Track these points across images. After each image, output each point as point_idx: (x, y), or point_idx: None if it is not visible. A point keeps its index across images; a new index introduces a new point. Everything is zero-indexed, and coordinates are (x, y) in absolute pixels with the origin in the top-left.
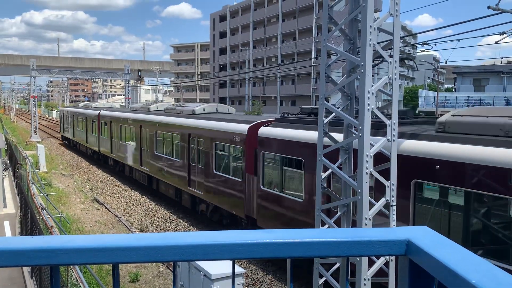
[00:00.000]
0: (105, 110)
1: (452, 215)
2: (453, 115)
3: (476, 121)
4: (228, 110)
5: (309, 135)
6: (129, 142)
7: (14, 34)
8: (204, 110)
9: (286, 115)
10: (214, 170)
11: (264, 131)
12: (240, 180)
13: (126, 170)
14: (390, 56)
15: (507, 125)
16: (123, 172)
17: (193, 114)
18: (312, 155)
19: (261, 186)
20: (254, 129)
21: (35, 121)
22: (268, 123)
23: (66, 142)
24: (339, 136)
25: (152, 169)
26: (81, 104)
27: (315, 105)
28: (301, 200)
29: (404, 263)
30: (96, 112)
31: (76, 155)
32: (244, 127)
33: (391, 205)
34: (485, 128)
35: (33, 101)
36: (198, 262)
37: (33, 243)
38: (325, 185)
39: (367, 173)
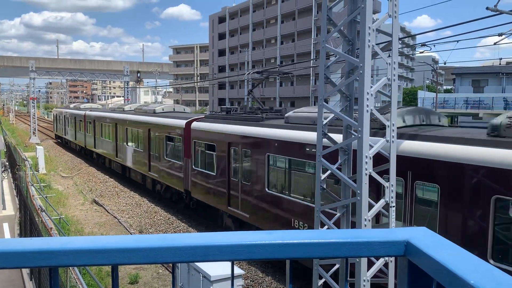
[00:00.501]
0: (90, 111)
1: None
2: (294, 112)
3: (304, 116)
4: (184, 110)
5: (220, 127)
6: (108, 138)
7: (13, 35)
8: (163, 110)
9: (212, 113)
10: (165, 157)
11: (195, 125)
12: (181, 163)
13: (106, 162)
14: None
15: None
16: (104, 164)
17: (154, 113)
18: (220, 140)
19: (193, 166)
20: (189, 123)
21: (34, 123)
22: (199, 119)
23: (59, 140)
24: (338, 137)
25: (125, 159)
26: (71, 106)
27: (314, 105)
28: (214, 174)
29: (403, 264)
30: (83, 113)
31: (76, 156)
32: (183, 122)
33: (391, 206)
34: (307, 119)
35: (32, 102)
36: (198, 264)
37: (32, 244)
38: (325, 186)
39: (366, 174)
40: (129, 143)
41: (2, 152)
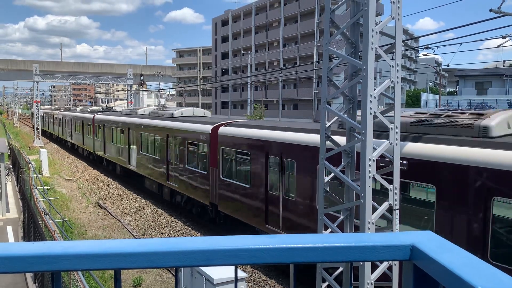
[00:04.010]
0: (45, 110)
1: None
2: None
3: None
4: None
5: (148, 121)
6: (52, 126)
7: (17, 39)
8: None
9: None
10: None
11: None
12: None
13: (54, 136)
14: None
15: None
16: (54, 137)
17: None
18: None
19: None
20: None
21: (38, 126)
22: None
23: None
24: (341, 140)
25: (69, 136)
26: (42, 107)
27: (317, 109)
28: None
29: (409, 268)
30: (43, 111)
31: (79, 159)
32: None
33: (394, 209)
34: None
35: (36, 106)
36: (201, 267)
37: (34, 249)
38: (328, 189)
39: (370, 176)
40: (77, 130)
41: (6, 155)
